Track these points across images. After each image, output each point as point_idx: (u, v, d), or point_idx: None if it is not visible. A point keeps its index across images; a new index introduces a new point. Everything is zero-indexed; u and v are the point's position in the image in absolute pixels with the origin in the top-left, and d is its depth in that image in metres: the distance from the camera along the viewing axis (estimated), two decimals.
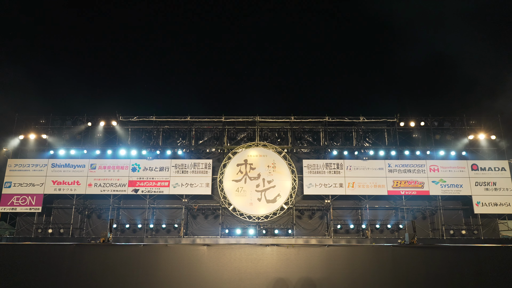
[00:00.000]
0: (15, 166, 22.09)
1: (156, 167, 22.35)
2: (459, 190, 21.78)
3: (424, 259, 10.06)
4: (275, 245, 10.44)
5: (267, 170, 22.44)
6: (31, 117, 23.20)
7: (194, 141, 23.61)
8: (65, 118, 23.00)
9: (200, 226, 22.35)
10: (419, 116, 22.98)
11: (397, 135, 23.10)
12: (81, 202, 22.34)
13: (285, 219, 22.31)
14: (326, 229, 22.27)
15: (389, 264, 10.05)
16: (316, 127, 23.68)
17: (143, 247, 10.53)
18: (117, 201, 22.42)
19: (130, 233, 22.11)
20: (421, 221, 22.07)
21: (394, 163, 22.30)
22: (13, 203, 21.58)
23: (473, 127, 23.07)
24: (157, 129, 23.48)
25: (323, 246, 10.43)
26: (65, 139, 23.11)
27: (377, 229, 21.98)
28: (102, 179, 22.08)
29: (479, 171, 22.02)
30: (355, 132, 23.62)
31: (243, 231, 21.66)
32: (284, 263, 10.11)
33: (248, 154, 22.80)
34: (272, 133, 23.71)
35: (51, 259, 10.32)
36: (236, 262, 10.12)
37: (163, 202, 22.54)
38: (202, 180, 22.10)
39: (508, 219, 22.00)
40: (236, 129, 23.52)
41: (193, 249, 10.39)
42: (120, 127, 23.27)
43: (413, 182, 21.95)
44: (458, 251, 10.31)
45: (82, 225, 22.26)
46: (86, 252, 10.54)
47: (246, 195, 22.11)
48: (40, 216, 22.22)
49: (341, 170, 22.23)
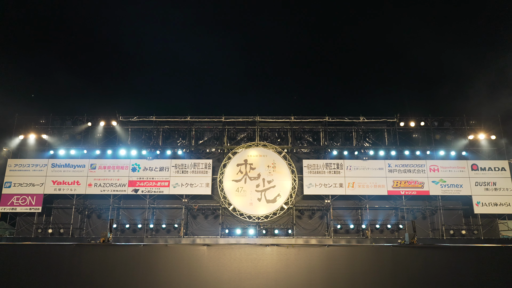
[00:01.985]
0: (15, 166, 22.10)
1: (156, 167, 22.35)
2: (459, 190, 21.78)
3: (424, 259, 10.06)
4: (275, 245, 10.44)
5: (267, 170, 22.44)
6: (31, 117, 23.21)
7: (194, 141, 23.61)
8: (65, 118, 23.00)
9: (200, 226, 22.35)
10: (419, 116, 22.99)
11: (397, 135, 23.10)
12: (81, 202, 22.34)
13: (285, 219, 22.31)
14: (326, 229, 22.27)
15: (389, 264, 10.05)
16: (316, 127, 23.68)
17: (143, 247, 10.53)
18: (117, 201, 22.42)
19: (130, 233, 22.11)
20: (421, 221, 22.07)
21: (394, 163, 22.30)
22: (13, 203, 21.58)
23: (473, 127, 23.07)
24: (157, 129, 23.48)
25: (323, 246, 10.43)
26: (65, 139, 23.13)
27: (377, 229, 21.97)
28: (102, 179, 22.08)
29: (479, 171, 22.02)
30: (355, 132, 23.62)
31: (243, 231, 21.66)
32: (284, 263, 10.11)
33: (248, 154, 22.80)
34: (272, 133, 23.71)
35: (51, 259, 10.32)
36: (236, 262, 10.12)
37: (163, 202, 22.54)
38: (202, 180, 22.10)
39: (508, 219, 21.99)
40: (236, 129, 23.53)
41: (193, 249, 10.39)
42: (120, 127, 23.27)
43: (413, 182, 21.94)
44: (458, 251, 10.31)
45: (82, 225, 22.26)
46: (86, 252, 10.54)
47: (246, 195, 22.11)
48: (40, 216, 22.22)
49: (341, 170, 22.23)
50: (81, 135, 23.27)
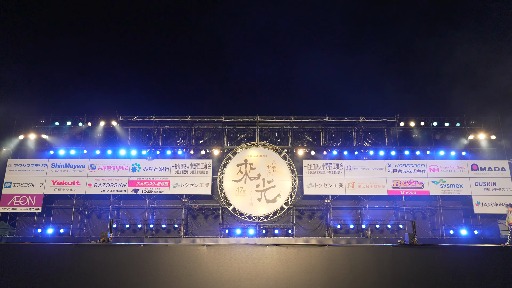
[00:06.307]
0: (15, 166, 22.10)
1: (156, 167, 22.34)
2: (459, 190, 21.78)
3: (424, 259, 10.05)
4: (275, 245, 10.42)
5: (267, 170, 22.44)
6: (31, 117, 23.21)
7: (194, 141, 23.61)
8: (65, 118, 23.00)
9: (200, 226, 22.34)
10: (419, 116, 22.97)
11: (397, 135, 23.10)
12: (81, 202, 22.34)
13: (285, 219, 22.31)
14: (326, 229, 22.26)
15: (389, 264, 10.04)
16: (316, 127, 23.69)
17: (143, 247, 10.52)
18: (117, 201, 22.42)
19: (130, 233, 22.11)
20: (421, 221, 22.07)
21: (394, 163, 22.30)
22: (13, 203, 21.58)
23: (473, 127, 23.06)
24: (157, 129, 23.48)
25: (323, 246, 10.41)
26: (65, 139, 23.13)
27: (377, 229, 21.97)
28: (102, 179, 22.08)
29: (479, 171, 22.02)
30: (355, 132, 23.61)
31: (243, 231, 21.65)
32: (284, 263, 10.10)
33: (248, 154, 22.80)
34: (272, 133, 23.71)
35: (51, 259, 10.31)
36: (236, 262, 10.10)
37: (163, 202, 22.54)
38: (202, 180, 22.10)
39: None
40: (236, 129, 23.54)
41: (193, 249, 10.38)
42: (120, 127, 23.26)
43: (413, 182, 21.94)
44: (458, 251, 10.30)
45: (82, 225, 22.25)
46: (86, 252, 10.52)
47: (246, 195, 22.11)
48: (40, 216, 22.22)
49: (341, 170, 22.23)
50: (81, 135, 23.27)
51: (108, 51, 27.90)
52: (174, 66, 28.78)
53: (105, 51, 27.77)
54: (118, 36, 28.31)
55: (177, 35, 28.86)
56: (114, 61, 27.30)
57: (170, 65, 28.95)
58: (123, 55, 28.14)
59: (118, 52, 27.90)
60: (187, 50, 29.04)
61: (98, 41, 27.67)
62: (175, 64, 28.89)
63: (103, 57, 27.51)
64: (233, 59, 28.90)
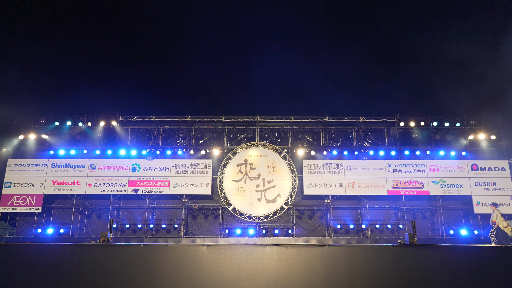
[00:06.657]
0: (15, 166, 22.10)
1: (156, 167, 22.35)
2: (459, 190, 21.78)
3: (424, 259, 10.04)
4: (275, 245, 10.41)
5: (267, 170, 22.44)
6: (31, 117, 23.20)
7: (194, 141, 23.61)
8: (65, 118, 23.00)
9: (200, 226, 22.35)
10: (419, 116, 22.96)
11: (397, 135, 23.10)
12: (81, 202, 22.35)
13: (285, 219, 22.31)
14: (326, 229, 22.26)
15: (389, 264, 10.04)
16: (316, 127, 23.69)
17: (143, 247, 10.51)
18: (117, 201, 22.42)
19: (130, 233, 22.11)
20: (421, 221, 22.07)
21: (394, 163, 22.30)
22: (13, 203, 21.59)
23: (473, 127, 23.06)
24: (157, 129, 23.49)
25: (323, 246, 10.40)
26: (65, 139, 23.13)
27: (377, 229, 21.98)
28: (102, 179, 22.08)
29: (479, 171, 22.02)
30: (355, 132, 23.62)
31: (243, 231, 21.66)
32: (284, 263, 10.09)
33: (248, 154, 22.80)
34: (272, 133, 23.72)
35: (51, 259, 10.29)
36: (236, 262, 10.09)
37: (163, 202, 22.55)
38: (202, 180, 22.11)
39: (508, 219, 21.93)
40: (236, 129, 23.54)
41: (193, 249, 10.37)
42: (120, 127, 23.27)
43: (413, 182, 21.95)
44: (458, 251, 10.29)
45: (82, 225, 22.26)
46: (86, 252, 10.51)
47: (246, 195, 22.11)
48: (40, 216, 22.22)
49: (341, 170, 22.24)
50: (81, 135, 23.28)
51: (108, 51, 27.90)
52: (174, 65, 28.79)
53: (105, 51, 27.78)
54: (118, 36, 28.31)
55: (177, 35, 28.84)
56: (114, 61, 27.30)
57: (170, 65, 28.96)
58: (123, 55, 28.13)
59: (118, 52, 27.89)
60: (187, 50, 29.03)
61: (98, 41, 27.68)
62: (175, 64, 28.89)
63: (103, 57, 27.51)
64: (233, 59, 28.89)
